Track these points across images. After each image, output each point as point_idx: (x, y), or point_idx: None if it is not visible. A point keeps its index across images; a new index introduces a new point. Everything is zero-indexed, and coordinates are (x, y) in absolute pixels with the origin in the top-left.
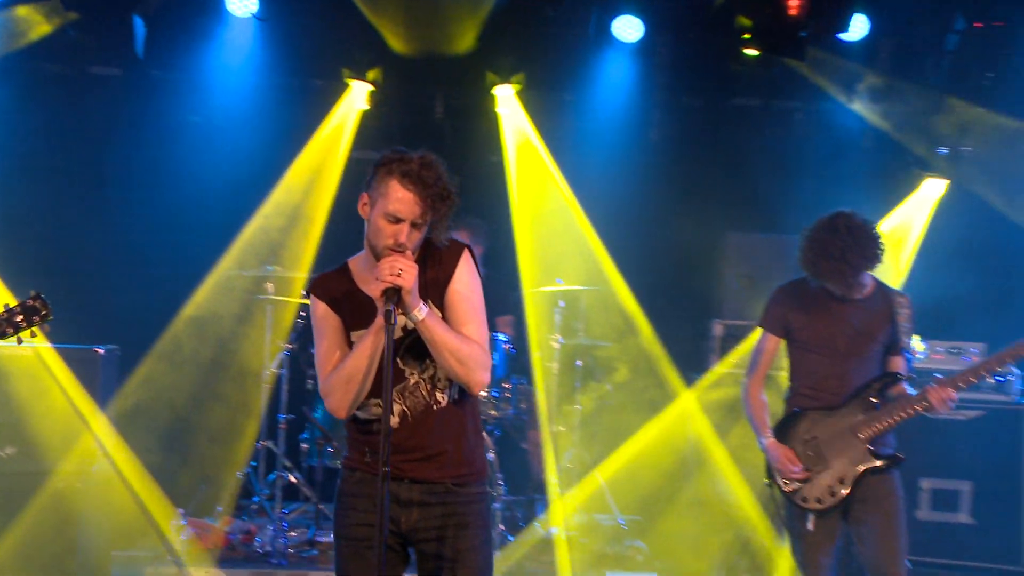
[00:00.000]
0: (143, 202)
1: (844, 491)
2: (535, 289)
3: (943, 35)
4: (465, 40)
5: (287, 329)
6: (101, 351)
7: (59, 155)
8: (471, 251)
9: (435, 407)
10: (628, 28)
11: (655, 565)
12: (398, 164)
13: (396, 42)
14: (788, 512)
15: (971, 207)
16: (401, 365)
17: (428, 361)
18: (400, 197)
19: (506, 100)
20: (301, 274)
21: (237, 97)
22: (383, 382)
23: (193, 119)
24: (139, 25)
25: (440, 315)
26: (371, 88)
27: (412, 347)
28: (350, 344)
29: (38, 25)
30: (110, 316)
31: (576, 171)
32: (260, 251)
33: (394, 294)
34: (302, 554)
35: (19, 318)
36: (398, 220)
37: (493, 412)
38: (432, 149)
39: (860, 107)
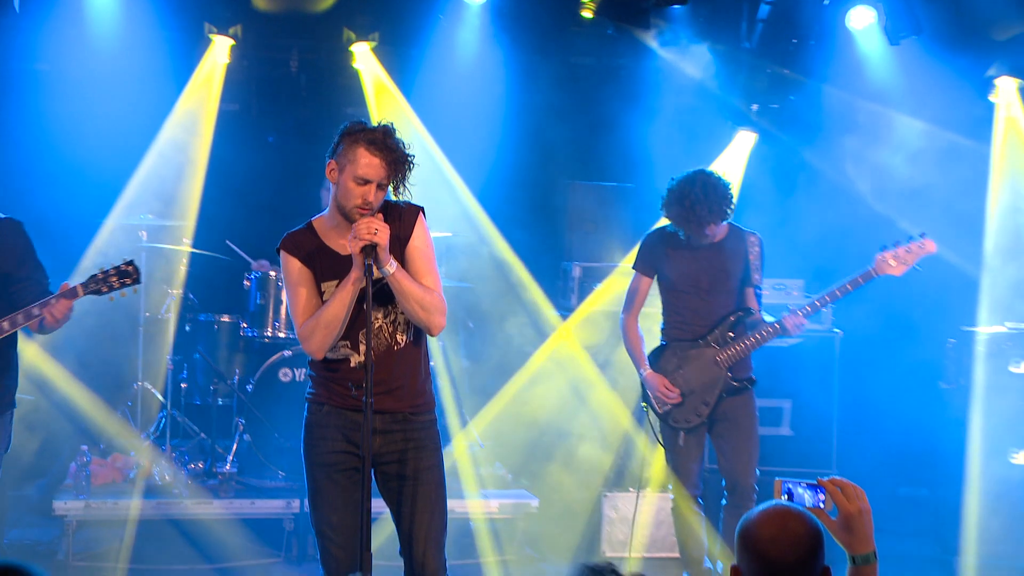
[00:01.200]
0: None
1: (707, 410)
2: None
3: (757, 4)
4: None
5: (173, 275)
6: None
7: None
8: (424, 212)
9: (396, 347)
10: None
11: (526, 485)
12: (364, 133)
13: (263, 1)
14: (662, 430)
15: (780, 156)
16: (372, 313)
17: (391, 307)
18: (368, 162)
19: (362, 56)
20: (187, 223)
21: (95, 49)
22: (366, 326)
23: (41, 68)
24: None
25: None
26: (232, 43)
27: (377, 295)
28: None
29: None
30: None
31: (434, 124)
32: (150, 202)
33: (371, 250)
34: (202, 484)
35: (113, 279)
36: (366, 182)
37: None
38: (289, 101)
39: (686, 67)
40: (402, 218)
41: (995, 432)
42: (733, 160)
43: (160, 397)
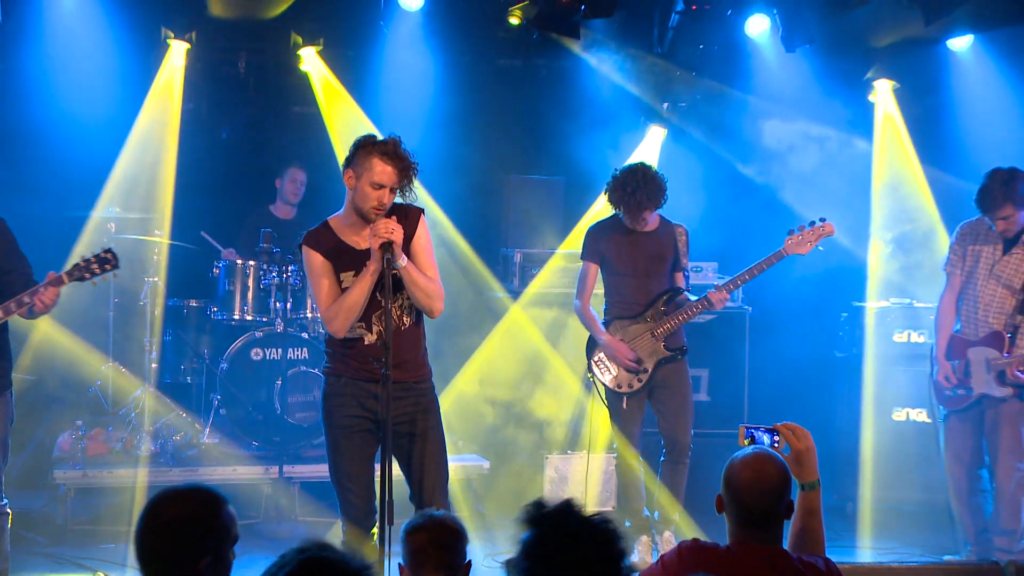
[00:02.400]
0: None
1: (646, 376)
2: None
3: (668, 14)
4: (279, 7)
5: (149, 264)
6: None
7: None
8: (424, 213)
9: (402, 328)
10: None
11: (476, 450)
12: (377, 146)
13: (216, 7)
14: (608, 396)
15: (689, 147)
16: (379, 297)
17: (399, 294)
18: (382, 170)
19: (309, 59)
20: (158, 215)
21: (57, 51)
22: (383, 310)
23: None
24: None
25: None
26: (187, 47)
27: (394, 285)
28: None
29: None
30: None
31: (379, 120)
32: (125, 197)
33: (388, 246)
34: (186, 453)
35: (95, 266)
36: (380, 187)
37: None
38: (239, 100)
39: (604, 69)
40: (407, 218)
41: (881, 393)
42: (646, 153)
43: (132, 377)
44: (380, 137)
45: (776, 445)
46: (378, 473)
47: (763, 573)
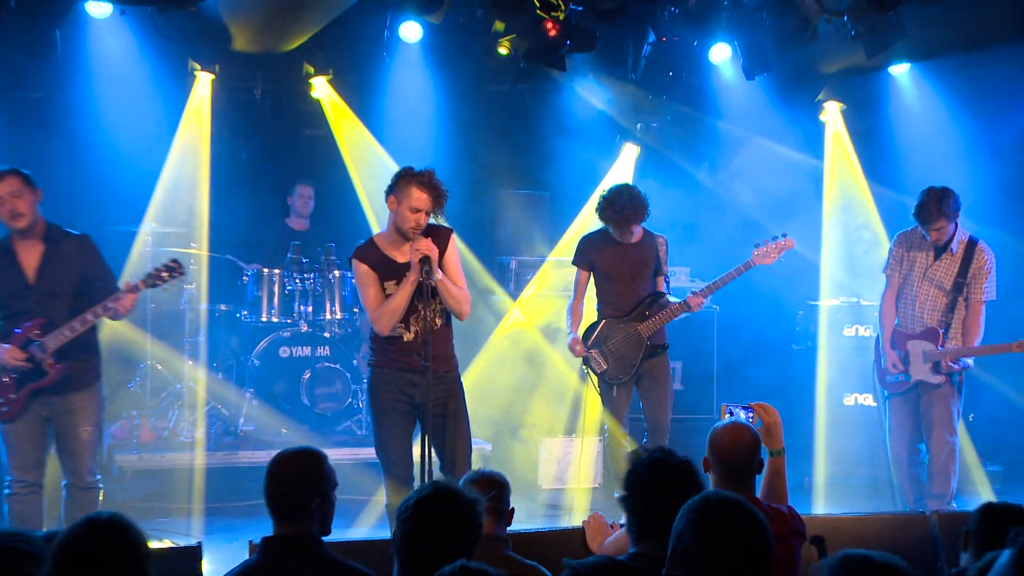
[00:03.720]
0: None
1: (633, 369)
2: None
3: (641, 45)
4: (294, 43)
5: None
6: None
7: None
8: (455, 232)
9: (435, 327)
10: (410, 32)
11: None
12: (415, 176)
13: (238, 43)
14: (600, 385)
15: (660, 164)
16: (417, 303)
17: (433, 300)
18: (419, 197)
19: (320, 86)
20: (192, 229)
21: (98, 81)
22: (420, 313)
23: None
24: None
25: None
26: (212, 77)
27: (423, 291)
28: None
29: None
30: None
31: (385, 141)
32: (166, 215)
33: (426, 261)
34: (225, 439)
35: (164, 274)
36: (417, 211)
37: None
38: (256, 124)
39: (584, 93)
40: (440, 236)
41: (834, 381)
42: (622, 169)
43: (171, 374)
44: (417, 169)
45: (751, 419)
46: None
47: None
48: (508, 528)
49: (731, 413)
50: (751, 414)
